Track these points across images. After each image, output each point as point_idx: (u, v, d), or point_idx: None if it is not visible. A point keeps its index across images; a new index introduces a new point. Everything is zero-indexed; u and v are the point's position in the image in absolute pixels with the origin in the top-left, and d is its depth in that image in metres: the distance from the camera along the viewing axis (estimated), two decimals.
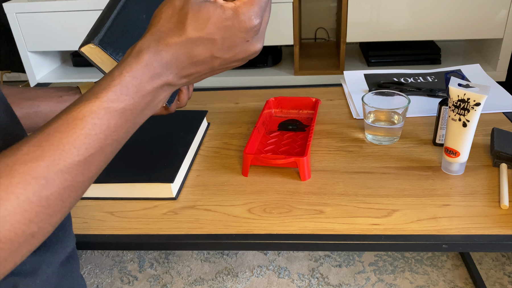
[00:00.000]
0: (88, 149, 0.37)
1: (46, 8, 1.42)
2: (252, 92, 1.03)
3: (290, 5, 1.35)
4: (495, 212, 0.61)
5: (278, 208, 0.65)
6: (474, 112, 0.63)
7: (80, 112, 0.37)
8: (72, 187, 0.37)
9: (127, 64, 0.40)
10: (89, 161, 0.37)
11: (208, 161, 0.78)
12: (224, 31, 0.41)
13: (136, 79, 0.39)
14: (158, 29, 0.42)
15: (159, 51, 0.41)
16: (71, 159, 0.36)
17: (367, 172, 0.71)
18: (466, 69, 1.05)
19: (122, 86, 0.39)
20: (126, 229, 0.64)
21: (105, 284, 1.34)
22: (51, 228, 0.37)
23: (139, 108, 0.40)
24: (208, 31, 0.41)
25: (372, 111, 0.79)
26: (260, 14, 0.42)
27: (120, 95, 0.39)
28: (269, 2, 0.46)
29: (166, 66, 0.41)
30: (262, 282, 1.29)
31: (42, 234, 0.36)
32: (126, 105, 0.39)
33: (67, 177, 0.36)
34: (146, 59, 0.40)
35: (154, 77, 0.40)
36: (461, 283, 1.23)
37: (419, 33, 1.36)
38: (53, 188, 0.35)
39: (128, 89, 0.39)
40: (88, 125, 0.37)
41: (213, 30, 0.41)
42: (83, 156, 0.37)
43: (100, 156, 0.39)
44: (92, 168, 0.38)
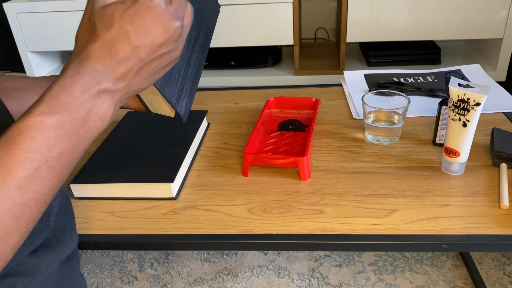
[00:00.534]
0: (32, 163, 0.36)
1: (46, 8, 1.42)
2: (252, 92, 1.03)
3: (290, 5, 1.35)
4: (495, 212, 0.61)
5: (278, 208, 0.65)
6: (474, 112, 0.63)
7: (18, 129, 0.37)
8: (24, 205, 0.36)
9: (57, 80, 0.40)
10: (38, 176, 0.37)
11: (208, 161, 0.78)
12: (131, 18, 0.41)
13: (65, 90, 0.39)
14: (77, 46, 0.42)
15: (81, 61, 0.40)
16: (17, 175, 0.36)
17: (367, 172, 0.71)
18: (466, 69, 1.05)
19: (54, 98, 0.39)
20: (126, 229, 0.64)
21: (105, 284, 1.34)
22: (10, 252, 0.36)
23: (77, 119, 0.39)
24: (116, 26, 0.40)
25: (372, 111, 0.79)
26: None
27: (54, 107, 0.38)
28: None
29: (93, 74, 0.40)
30: (262, 282, 1.29)
31: (1, 258, 0.35)
32: (61, 116, 0.38)
33: (17, 195, 0.36)
34: (71, 71, 0.40)
35: (84, 85, 0.40)
36: (461, 283, 1.23)
37: (419, 33, 1.36)
38: (3, 206, 0.35)
39: (60, 101, 0.39)
40: (27, 139, 0.37)
41: (120, 22, 0.41)
42: (29, 171, 0.36)
43: (48, 171, 0.38)
44: (43, 183, 0.38)
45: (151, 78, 0.45)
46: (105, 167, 0.73)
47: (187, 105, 0.60)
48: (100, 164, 0.74)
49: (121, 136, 0.82)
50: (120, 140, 0.81)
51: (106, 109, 0.41)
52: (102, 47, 0.40)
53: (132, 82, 0.43)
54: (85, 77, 0.40)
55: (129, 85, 0.43)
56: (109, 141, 0.81)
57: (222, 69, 1.56)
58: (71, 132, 0.39)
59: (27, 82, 0.64)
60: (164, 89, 0.55)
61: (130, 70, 0.42)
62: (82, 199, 0.71)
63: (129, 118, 0.89)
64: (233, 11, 1.37)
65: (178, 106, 0.58)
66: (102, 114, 0.41)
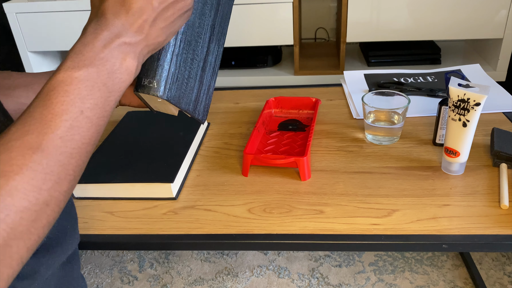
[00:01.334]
0: (69, 114, 0.39)
1: (46, 8, 1.42)
2: (252, 92, 1.03)
3: (290, 5, 1.35)
4: (495, 212, 0.61)
5: (278, 208, 0.65)
6: (474, 112, 0.63)
7: (51, 85, 0.40)
8: (68, 153, 0.39)
9: (79, 39, 0.43)
10: (76, 126, 0.39)
11: (208, 161, 0.78)
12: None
13: (87, 46, 0.42)
14: (93, 7, 0.45)
15: (98, 19, 0.43)
16: (57, 126, 0.38)
17: (367, 172, 0.71)
18: (466, 69, 1.05)
19: (78, 54, 0.41)
20: (126, 229, 0.64)
21: (105, 284, 1.34)
22: (63, 198, 0.39)
23: (103, 72, 0.42)
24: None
25: (372, 111, 0.79)
26: None
27: (79, 62, 0.41)
28: None
29: (111, 28, 0.43)
30: (262, 282, 1.29)
31: (56, 204, 0.38)
32: (87, 69, 0.41)
33: (60, 144, 0.38)
34: (90, 29, 0.43)
35: (104, 40, 0.42)
36: (461, 283, 1.23)
37: (419, 33, 1.36)
38: (50, 155, 0.37)
39: (84, 55, 0.41)
40: (60, 92, 0.39)
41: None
42: (67, 122, 0.39)
43: (85, 121, 0.40)
44: (82, 133, 0.40)
45: (167, 30, 0.46)
46: (105, 167, 0.73)
47: (205, 108, 0.60)
48: (100, 164, 0.74)
49: (121, 136, 0.82)
50: (120, 140, 0.81)
51: (129, 61, 0.43)
52: (116, 2, 0.43)
53: (149, 33, 0.44)
54: (104, 32, 0.42)
55: (147, 37, 0.44)
56: (109, 141, 0.81)
57: (222, 69, 1.56)
58: (100, 84, 0.41)
59: (25, 79, 0.64)
60: (181, 102, 0.54)
61: (145, 21, 0.44)
62: (82, 199, 0.71)
63: (129, 118, 0.89)
64: (233, 11, 1.37)
65: (195, 112, 0.57)
66: (126, 67, 0.43)
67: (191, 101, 0.56)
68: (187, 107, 0.55)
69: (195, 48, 0.55)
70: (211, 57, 0.59)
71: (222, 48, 0.61)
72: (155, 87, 0.51)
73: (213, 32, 0.58)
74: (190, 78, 0.55)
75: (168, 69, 0.51)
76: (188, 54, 0.54)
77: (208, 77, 0.59)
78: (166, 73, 0.51)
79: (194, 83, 0.56)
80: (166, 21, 0.46)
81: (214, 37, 0.59)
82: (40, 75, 0.66)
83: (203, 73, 0.57)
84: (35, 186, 0.36)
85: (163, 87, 0.51)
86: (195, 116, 0.57)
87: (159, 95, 0.51)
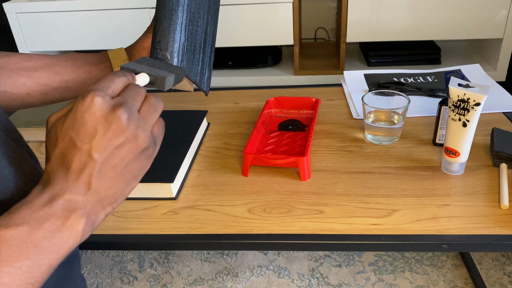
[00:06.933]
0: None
1: (46, 8, 1.42)
2: (252, 92, 1.03)
3: (290, 5, 1.35)
4: (495, 212, 0.61)
5: (278, 208, 0.65)
6: (474, 112, 0.63)
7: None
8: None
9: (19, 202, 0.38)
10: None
11: (208, 161, 0.78)
12: (71, 124, 0.39)
13: (25, 205, 0.37)
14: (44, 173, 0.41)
15: (42, 183, 0.39)
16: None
17: (367, 172, 0.71)
18: (466, 69, 1.05)
19: (11, 213, 0.37)
20: (126, 229, 0.64)
21: (105, 284, 1.34)
22: None
23: (38, 230, 0.36)
24: (59, 138, 0.39)
25: (372, 111, 0.79)
26: (102, 88, 0.40)
27: (9, 220, 0.36)
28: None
29: (53, 189, 0.38)
30: (262, 282, 1.29)
31: None
32: (17, 227, 0.36)
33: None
34: (35, 190, 0.39)
35: (44, 198, 0.38)
36: (461, 283, 1.23)
37: (419, 33, 1.36)
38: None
39: (18, 214, 0.36)
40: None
41: (62, 133, 0.39)
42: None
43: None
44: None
45: (122, 176, 0.41)
46: None
47: (208, 79, 0.60)
48: None
49: None
50: None
51: (75, 219, 0.38)
52: (55, 163, 0.39)
53: (97, 186, 0.39)
54: (46, 191, 0.38)
55: (97, 191, 0.39)
56: None
57: (222, 69, 1.56)
58: (30, 245, 0.35)
59: (46, 61, 0.64)
60: (190, 73, 0.55)
61: (89, 175, 0.39)
62: None
63: None
64: (233, 11, 1.37)
65: (201, 83, 0.58)
66: (70, 225, 0.37)
67: (197, 72, 0.57)
68: (195, 78, 0.56)
69: (198, 19, 0.56)
70: (209, 29, 0.59)
71: (217, 21, 0.62)
72: (168, 59, 0.51)
73: (210, 4, 0.59)
74: (196, 49, 0.55)
75: (179, 40, 0.52)
76: (193, 26, 0.55)
77: (209, 48, 0.60)
78: (178, 44, 0.52)
79: (199, 55, 0.57)
80: (116, 169, 0.40)
81: (211, 9, 0.60)
82: (60, 57, 0.66)
83: (204, 45, 0.58)
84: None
85: (177, 58, 0.52)
86: (201, 87, 0.58)
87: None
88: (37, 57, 0.65)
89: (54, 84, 0.64)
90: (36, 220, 0.36)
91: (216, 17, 0.63)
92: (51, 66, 0.64)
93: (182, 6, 0.55)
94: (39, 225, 0.36)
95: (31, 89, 0.63)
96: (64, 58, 0.66)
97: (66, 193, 0.38)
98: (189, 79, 0.56)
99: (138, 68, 0.48)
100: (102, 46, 1.47)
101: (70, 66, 0.65)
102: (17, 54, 0.64)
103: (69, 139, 0.38)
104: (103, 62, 0.66)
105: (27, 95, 0.63)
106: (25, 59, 0.63)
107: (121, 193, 0.42)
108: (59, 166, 0.39)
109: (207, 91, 0.60)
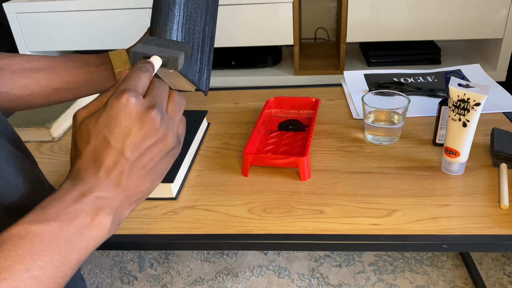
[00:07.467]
0: (10, 272, 0.33)
1: (46, 8, 1.42)
2: (252, 92, 1.03)
3: (290, 5, 1.35)
4: (495, 212, 0.61)
5: (278, 208, 0.65)
6: (474, 112, 0.63)
7: (1, 238, 0.35)
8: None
9: (50, 195, 0.39)
10: (16, 287, 0.34)
11: (208, 161, 0.78)
12: (105, 123, 0.39)
13: (55, 200, 0.38)
14: (71, 167, 0.41)
15: (72, 177, 0.40)
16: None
17: (367, 172, 0.71)
18: (466, 69, 1.05)
19: (43, 208, 0.37)
20: (126, 229, 0.64)
21: (105, 284, 1.34)
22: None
23: (69, 227, 0.37)
24: (93, 135, 0.40)
25: (372, 111, 0.79)
26: (133, 86, 0.41)
27: (41, 215, 0.37)
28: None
29: (84, 184, 0.39)
30: (262, 282, 1.29)
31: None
32: (49, 223, 0.36)
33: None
34: (63, 186, 0.39)
35: (76, 195, 0.38)
36: (461, 283, 1.23)
37: (419, 33, 1.36)
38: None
39: (49, 209, 0.37)
40: (9, 246, 0.34)
41: (96, 131, 0.40)
42: (5, 280, 0.33)
43: (30, 282, 0.34)
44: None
45: (149, 176, 0.42)
46: None
47: (207, 79, 0.60)
48: None
49: None
50: None
51: (103, 217, 0.39)
52: (87, 160, 0.40)
53: (127, 184, 0.40)
54: (77, 187, 0.39)
55: (125, 189, 0.40)
56: None
57: (222, 69, 1.56)
58: (61, 240, 0.36)
59: (47, 62, 0.65)
60: (188, 73, 0.55)
61: (121, 173, 0.40)
62: None
63: None
64: (233, 11, 1.37)
65: (200, 83, 0.58)
66: (99, 222, 0.39)
67: (196, 72, 0.57)
68: (193, 77, 0.56)
69: (195, 19, 0.56)
70: (207, 29, 0.59)
71: (216, 20, 0.62)
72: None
73: (208, 3, 0.59)
74: (193, 49, 0.55)
75: (176, 39, 0.52)
76: (191, 25, 0.55)
77: (207, 48, 0.60)
78: None
79: (197, 54, 0.57)
80: (146, 168, 0.41)
81: (209, 8, 0.60)
82: (61, 58, 0.66)
83: (203, 44, 0.58)
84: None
85: None
86: (199, 86, 0.58)
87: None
88: (38, 58, 0.65)
89: (55, 85, 0.64)
90: (67, 216, 0.37)
91: (215, 16, 0.63)
92: (53, 67, 0.64)
93: (178, 5, 0.55)
94: (69, 221, 0.37)
95: (33, 90, 0.63)
96: (65, 60, 0.66)
97: (96, 190, 0.39)
98: (187, 78, 0.56)
99: (149, 51, 0.48)
100: (102, 46, 1.47)
101: (71, 68, 0.65)
102: (19, 55, 0.64)
103: (103, 137, 0.39)
104: (104, 64, 0.67)
105: (29, 96, 0.63)
106: (27, 61, 0.64)
107: (147, 190, 0.43)
108: (91, 163, 0.40)
109: (206, 90, 0.60)
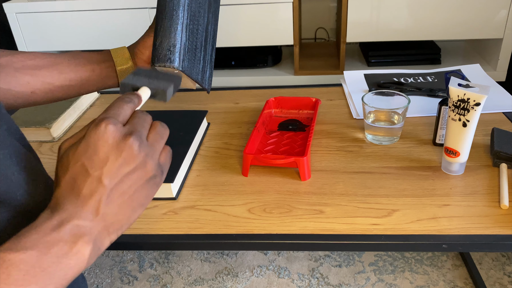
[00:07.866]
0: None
1: (46, 8, 1.42)
2: (252, 92, 1.03)
3: (290, 5, 1.35)
4: (495, 212, 0.61)
5: (278, 208, 0.65)
6: (474, 112, 0.63)
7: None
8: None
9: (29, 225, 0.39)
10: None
11: (208, 161, 0.78)
12: (83, 151, 0.40)
13: (33, 229, 0.38)
14: (52, 197, 0.41)
15: (51, 207, 0.40)
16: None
17: (367, 172, 0.71)
18: (466, 69, 1.05)
19: (20, 236, 0.37)
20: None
21: (105, 284, 1.34)
22: None
23: (46, 256, 0.36)
24: (71, 164, 0.40)
25: (372, 111, 0.79)
26: (111, 116, 0.41)
27: (19, 244, 0.36)
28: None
29: (62, 214, 0.39)
30: (262, 282, 1.29)
31: None
32: (26, 251, 0.36)
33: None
34: (44, 214, 0.39)
35: (54, 224, 0.38)
36: (461, 283, 1.23)
37: (419, 33, 1.36)
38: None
39: (27, 238, 0.37)
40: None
41: (74, 159, 0.40)
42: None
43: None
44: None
45: (129, 203, 0.41)
46: None
47: (209, 77, 0.60)
48: None
49: None
50: None
51: (82, 245, 0.38)
52: (66, 188, 0.39)
53: (106, 212, 0.40)
54: (55, 216, 0.38)
55: (104, 217, 0.40)
56: None
57: (222, 69, 1.56)
58: (38, 270, 0.36)
59: (50, 60, 0.65)
60: (192, 72, 0.55)
61: (99, 201, 0.39)
62: None
63: None
64: (233, 11, 1.37)
65: (203, 81, 0.58)
66: (77, 250, 0.38)
67: (199, 71, 0.57)
68: (196, 76, 0.56)
69: (199, 18, 0.57)
70: (210, 27, 0.60)
71: (217, 19, 0.63)
72: (170, 59, 0.51)
73: (210, 2, 0.59)
74: (197, 48, 0.56)
75: (180, 40, 0.52)
76: (194, 25, 0.55)
77: (210, 46, 0.60)
78: (179, 44, 0.52)
79: (200, 53, 0.57)
80: (124, 196, 0.41)
81: (212, 7, 0.60)
82: (64, 56, 0.66)
83: (205, 44, 0.58)
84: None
85: (178, 58, 0.52)
86: (203, 85, 0.58)
87: (175, 67, 0.51)
88: (41, 55, 0.65)
89: (58, 83, 0.65)
90: (45, 245, 0.36)
91: (217, 15, 0.63)
92: (55, 64, 0.64)
93: (182, 6, 0.55)
94: (47, 249, 0.36)
95: (35, 87, 0.63)
96: (68, 57, 0.66)
97: (75, 219, 0.39)
98: (191, 78, 0.56)
99: (138, 82, 0.48)
100: (102, 46, 1.47)
101: (74, 65, 0.66)
102: (21, 53, 0.64)
103: (81, 165, 0.39)
104: (106, 61, 0.67)
105: (32, 93, 0.63)
106: (29, 58, 0.64)
107: (126, 220, 0.42)
108: (69, 191, 0.39)
109: (209, 88, 0.60)
